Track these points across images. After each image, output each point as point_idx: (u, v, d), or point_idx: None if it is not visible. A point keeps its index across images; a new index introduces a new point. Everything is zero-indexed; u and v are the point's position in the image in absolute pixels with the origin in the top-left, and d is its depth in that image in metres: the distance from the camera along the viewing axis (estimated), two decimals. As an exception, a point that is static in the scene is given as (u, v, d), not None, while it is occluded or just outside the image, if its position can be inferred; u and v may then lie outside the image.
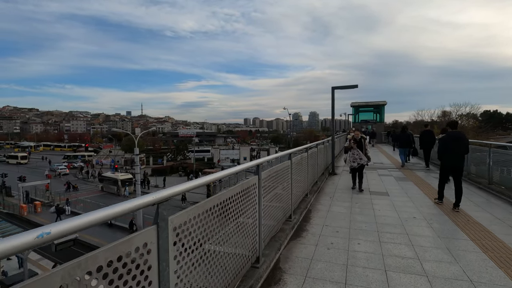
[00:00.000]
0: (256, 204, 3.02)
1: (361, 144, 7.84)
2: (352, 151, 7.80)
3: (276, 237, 3.91)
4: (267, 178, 3.44)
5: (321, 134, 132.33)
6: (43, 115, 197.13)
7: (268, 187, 3.49)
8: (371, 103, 35.49)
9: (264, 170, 3.29)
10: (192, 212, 1.88)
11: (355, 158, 7.73)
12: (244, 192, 2.67)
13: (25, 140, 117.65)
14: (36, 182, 32.65)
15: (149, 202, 1.57)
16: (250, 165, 2.87)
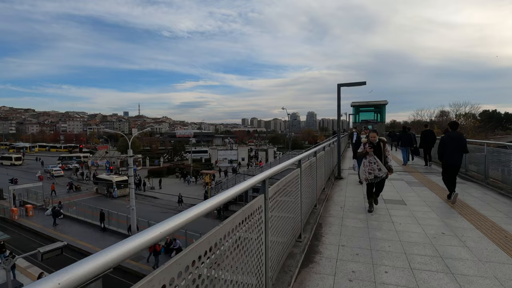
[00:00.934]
0: (262, 233, 2.23)
1: (380, 150, 5.75)
2: (368, 159, 5.80)
3: (285, 265, 3.12)
4: (275, 195, 2.65)
5: (319, 134, 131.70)
6: (39, 116, 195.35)
7: (276, 206, 2.70)
8: (372, 103, 34.78)
9: (272, 185, 2.50)
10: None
11: (371, 169, 5.70)
12: (245, 223, 1.88)
13: (21, 140, 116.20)
14: (28, 185, 31.68)
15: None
16: (255, 181, 2.07)
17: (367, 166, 5.83)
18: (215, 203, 1.50)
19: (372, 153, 5.79)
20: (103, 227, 23.24)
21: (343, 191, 7.73)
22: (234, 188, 1.77)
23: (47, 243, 20.65)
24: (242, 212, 1.84)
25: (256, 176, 2.10)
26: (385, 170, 5.72)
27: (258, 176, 2.12)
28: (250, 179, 2.01)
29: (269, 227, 2.38)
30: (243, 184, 1.88)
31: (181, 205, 30.12)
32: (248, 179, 2.07)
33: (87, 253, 19.40)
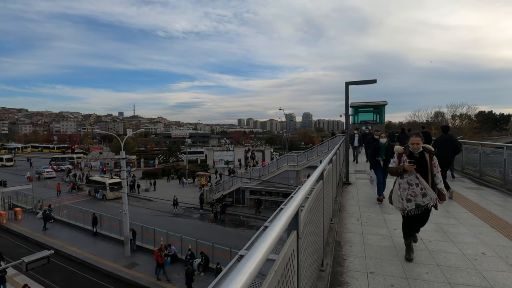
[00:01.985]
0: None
1: (425, 165, 3.83)
2: (407, 179, 3.87)
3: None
4: (305, 226, 1.95)
5: (315, 135, 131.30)
6: (32, 116, 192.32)
7: (303, 237, 1.99)
8: (371, 103, 34.25)
9: (301, 216, 1.79)
10: None
11: (412, 194, 3.80)
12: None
13: (13, 141, 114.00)
14: (18, 187, 30.55)
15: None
16: (286, 218, 1.35)
17: (405, 190, 3.87)
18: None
19: (413, 169, 3.82)
20: (95, 231, 22.33)
21: (354, 199, 7.05)
22: (270, 235, 1.05)
23: (36, 248, 19.70)
24: (275, 274, 1.12)
25: (285, 212, 1.38)
26: (433, 195, 3.74)
27: (289, 210, 1.41)
28: (281, 219, 1.29)
29: (300, 273, 1.67)
30: (274, 232, 1.15)
31: (176, 208, 29.28)
32: (279, 213, 1.35)
33: (78, 259, 18.52)
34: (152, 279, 15.72)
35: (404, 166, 3.86)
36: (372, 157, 7.11)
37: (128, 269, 16.92)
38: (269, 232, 1.10)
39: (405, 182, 3.93)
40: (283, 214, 1.33)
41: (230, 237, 21.31)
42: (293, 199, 1.60)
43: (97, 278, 16.41)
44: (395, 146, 4.32)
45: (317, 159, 27.71)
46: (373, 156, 7.06)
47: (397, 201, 4.04)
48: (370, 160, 7.33)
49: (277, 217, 1.29)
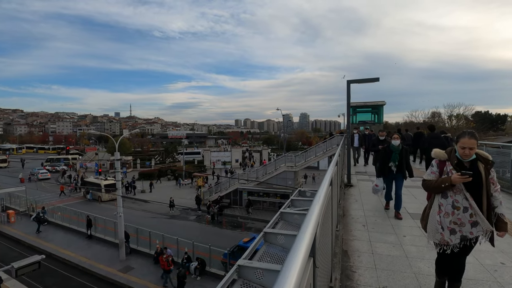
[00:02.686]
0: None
1: (479, 180, 2.71)
2: (453, 198, 2.78)
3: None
4: (319, 246, 1.63)
5: (312, 135, 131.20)
6: (27, 116, 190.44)
7: (318, 257, 1.67)
8: (369, 103, 33.98)
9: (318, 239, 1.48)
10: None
11: (459, 222, 2.75)
12: None
13: (8, 142, 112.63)
14: (11, 189, 29.91)
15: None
16: (305, 246, 1.03)
17: (447, 215, 2.75)
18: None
19: (461, 186, 2.70)
20: (89, 234, 21.84)
21: (358, 202, 6.73)
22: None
23: (29, 252, 19.23)
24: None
25: (302, 241, 1.06)
26: (487, 225, 2.66)
27: (304, 239, 1.08)
28: (298, 248, 0.97)
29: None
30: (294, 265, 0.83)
31: (173, 209, 28.86)
32: (295, 244, 1.03)
33: (71, 263, 18.06)
34: (147, 282, 15.33)
35: (452, 178, 2.64)
36: (383, 163, 5.95)
37: (123, 273, 16.49)
38: (287, 276, 0.77)
39: (449, 204, 2.73)
40: (299, 245, 1.00)
41: (228, 239, 20.96)
42: (308, 220, 1.27)
43: (91, 282, 15.97)
44: (435, 149, 3.04)
45: (315, 159, 27.46)
46: (384, 161, 5.93)
47: (434, 231, 2.81)
48: (379, 166, 6.10)
49: (292, 252, 0.96)
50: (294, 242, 1.06)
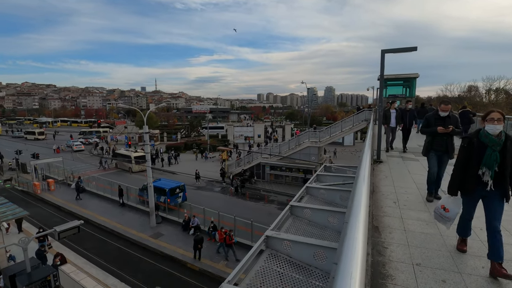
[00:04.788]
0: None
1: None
2: None
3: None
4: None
5: (338, 110, 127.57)
6: (60, 91, 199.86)
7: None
8: (401, 76, 32.18)
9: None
10: None
11: None
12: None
13: (44, 115, 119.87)
14: (50, 159, 32.20)
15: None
16: (363, 225, 0.98)
17: None
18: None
19: None
20: (122, 202, 23.31)
21: (388, 178, 6.53)
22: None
23: (69, 217, 20.92)
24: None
25: (357, 209, 1.00)
26: None
27: (360, 208, 1.02)
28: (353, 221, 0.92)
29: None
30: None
31: (199, 181, 29.89)
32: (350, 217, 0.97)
33: (107, 228, 19.50)
34: (176, 248, 16.29)
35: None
36: (465, 168, 3.33)
37: (154, 239, 17.61)
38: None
39: None
40: (357, 225, 0.94)
41: (251, 210, 21.56)
42: (359, 200, 1.20)
43: (125, 246, 17.26)
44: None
45: (341, 135, 26.83)
46: (466, 165, 3.31)
47: None
48: (456, 173, 3.40)
49: (351, 231, 0.90)
50: (350, 221, 1.00)
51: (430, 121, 5.27)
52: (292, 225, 4.73)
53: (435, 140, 5.09)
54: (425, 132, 5.31)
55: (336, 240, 4.04)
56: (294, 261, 3.61)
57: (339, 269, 0.87)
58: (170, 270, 14.70)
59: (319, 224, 4.66)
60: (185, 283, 13.66)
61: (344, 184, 6.07)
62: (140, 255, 16.29)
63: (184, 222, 18.53)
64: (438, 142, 5.07)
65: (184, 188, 23.15)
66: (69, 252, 15.88)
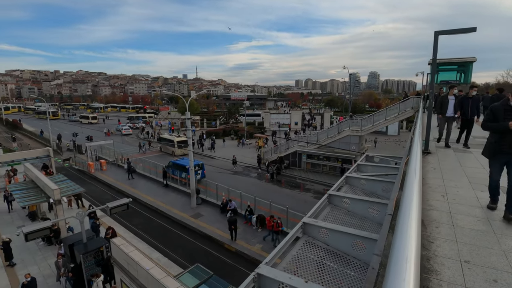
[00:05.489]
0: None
1: None
2: None
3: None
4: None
5: (382, 97, 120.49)
6: (110, 79, 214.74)
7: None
8: (455, 60, 29.21)
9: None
10: None
11: None
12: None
13: (96, 101, 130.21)
14: (102, 142, 35.17)
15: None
16: (415, 219, 0.97)
17: None
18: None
19: None
20: (165, 184, 24.84)
21: (437, 171, 6.12)
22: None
23: (118, 195, 22.86)
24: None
25: (409, 203, 0.99)
26: None
27: (412, 204, 1.01)
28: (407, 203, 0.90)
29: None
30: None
31: (236, 166, 30.64)
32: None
33: (152, 207, 20.98)
34: (214, 229, 17.06)
35: None
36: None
37: (194, 219, 18.62)
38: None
39: None
40: (410, 218, 0.92)
41: (286, 197, 21.68)
42: (410, 196, 1.17)
43: (168, 224, 18.50)
44: None
45: (385, 123, 25.45)
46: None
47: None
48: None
49: (402, 225, 0.89)
50: (400, 214, 0.99)
51: (497, 114, 4.01)
52: (330, 214, 4.70)
53: (505, 139, 3.93)
54: (491, 128, 4.10)
55: (376, 231, 3.95)
56: (331, 249, 3.62)
57: (391, 262, 0.86)
58: (208, 249, 15.51)
59: (358, 214, 4.58)
60: (222, 262, 14.34)
61: (387, 175, 5.83)
62: (181, 233, 17.37)
63: (222, 204, 19.26)
64: (509, 142, 3.91)
65: (202, 167, 25.55)
66: (119, 227, 17.47)
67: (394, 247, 0.77)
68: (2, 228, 17.02)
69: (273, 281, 2.64)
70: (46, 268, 13.50)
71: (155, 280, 8.15)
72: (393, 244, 0.92)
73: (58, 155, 35.52)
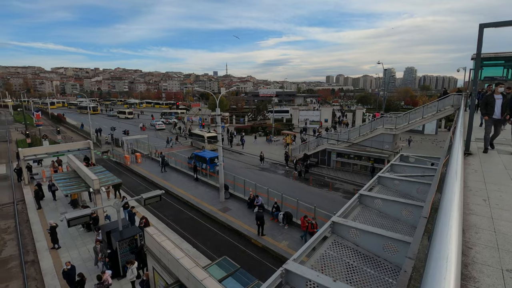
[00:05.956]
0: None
1: None
2: None
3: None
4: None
5: (419, 94, 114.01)
6: (145, 76, 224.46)
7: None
8: (502, 55, 26.89)
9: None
10: None
11: None
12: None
13: (132, 97, 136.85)
14: (137, 136, 36.99)
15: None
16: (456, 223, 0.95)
17: None
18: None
19: None
20: (196, 177, 25.62)
21: (478, 173, 5.72)
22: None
23: (151, 187, 23.99)
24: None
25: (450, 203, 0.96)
26: None
27: (452, 208, 0.99)
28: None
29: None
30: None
31: (263, 162, 30.78)
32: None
33: (183, 199, 21.75)
34: (242, 223, 17.33)
35: None
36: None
37: (222, 212, 19.05)
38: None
39: None
40: (451, 222, 0.91)
41: (314, 196, 21.42)
42: (450, 195, 1.14)
43: (197, 216, 19.11)
44: None
45: (422, 122, 24.12)
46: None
47: None
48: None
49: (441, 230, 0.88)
50: (439, 219, 0.97)
51: None
52: (361, 214, 4.60)
53: None
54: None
55: (409, 234, 3.82)
56: (360, 250, 3.56)
57: (429, 267, 0.84)
58: (235, 243, 15.82)
59: (390, 216, 4.44)
60: (248, 256, 14.56)
61: (423, 176, 5.59)
62: (210, 225, 17.86)
63: (249, 200, 19.49)
64: None
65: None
66: (152, 217, 18.33)
67: (434, 250, 0.75)
68: (47, 214, 18.60)
69: (300, 278, 2.67)
70: (85, 252, 14.56)
71: (185, 269, 8.49)
72: (432, 246, 0.90)
73: (97, 147, 37.90)
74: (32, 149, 25.73)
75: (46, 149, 26.31)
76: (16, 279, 12.87)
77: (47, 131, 49.37)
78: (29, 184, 23.75)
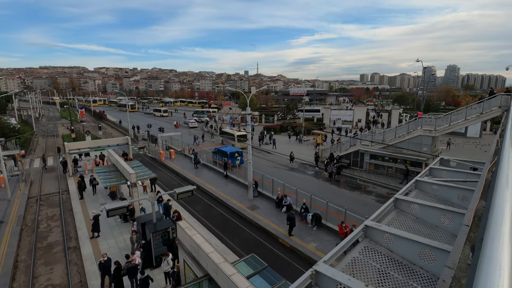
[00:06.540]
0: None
1: None
2: None
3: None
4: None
5: (462, 94, 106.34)
6: (179, 75, 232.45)
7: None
8: None
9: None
10: None
11: None
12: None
13: (167, 96, 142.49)
14: (171, 133, 38.50)
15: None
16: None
17: None
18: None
19: None
20: (225, 175, 26.11)
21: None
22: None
23: (184, 182, 24.82)
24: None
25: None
26: None
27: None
28: None
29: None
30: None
31: (292, 162, 30.52)
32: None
33: (213, 195, 22.26)
34: (269, 222, 17.37)
35: None
36: None
37: (250, 210, 19.23)
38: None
39: None
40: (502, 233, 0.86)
41: (345, 198, 20.85)
42: (502, 196, 1.08)
43: (226, 213, 19.47)
44: None
45: (464, 124, 22.49)
46: None
47: None
48: None
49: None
50: (489, 231, 0.93)
51: None
52: (395, 219, 4.42)
53: None
54: None
55: (449, 242, 3.61)
56: (394, 257, 3.42)
57: (480, 275, 0.80)
58: (262, 241, 15.89)
59: (428, 222, 4.22)
60: (275, 255, 14.57)
61: (465, 182, 5.23)
62: (238, 222, 18.12)
63: (278, 199, 19.47)
64: None
65: (241, 154, 29.12)
66: (183, 211, 18.97)
67: (484, 257, 0.72)
68: (88, 204, 20.00)
69: (331, 280, 2.63)
70: (122, 242, 15.45)
71: (214, 263, 8.71)
72: (482, 254, 0.86)
73: (134, 143, 39.99)
74: (76, 143, 27.89)
75: (88, 143, 28.35)
76: (60, 263, 14.02)
77: (90, 127, 53.04)
78: (73, 175, 25.72)
